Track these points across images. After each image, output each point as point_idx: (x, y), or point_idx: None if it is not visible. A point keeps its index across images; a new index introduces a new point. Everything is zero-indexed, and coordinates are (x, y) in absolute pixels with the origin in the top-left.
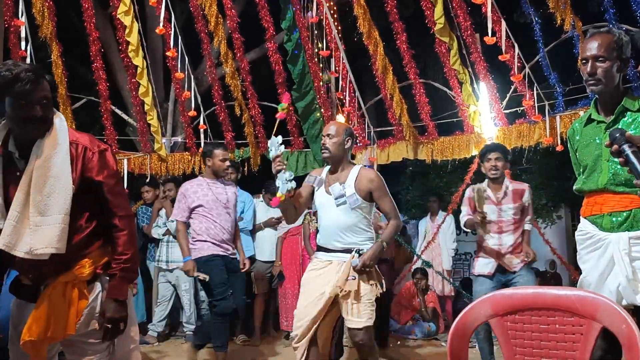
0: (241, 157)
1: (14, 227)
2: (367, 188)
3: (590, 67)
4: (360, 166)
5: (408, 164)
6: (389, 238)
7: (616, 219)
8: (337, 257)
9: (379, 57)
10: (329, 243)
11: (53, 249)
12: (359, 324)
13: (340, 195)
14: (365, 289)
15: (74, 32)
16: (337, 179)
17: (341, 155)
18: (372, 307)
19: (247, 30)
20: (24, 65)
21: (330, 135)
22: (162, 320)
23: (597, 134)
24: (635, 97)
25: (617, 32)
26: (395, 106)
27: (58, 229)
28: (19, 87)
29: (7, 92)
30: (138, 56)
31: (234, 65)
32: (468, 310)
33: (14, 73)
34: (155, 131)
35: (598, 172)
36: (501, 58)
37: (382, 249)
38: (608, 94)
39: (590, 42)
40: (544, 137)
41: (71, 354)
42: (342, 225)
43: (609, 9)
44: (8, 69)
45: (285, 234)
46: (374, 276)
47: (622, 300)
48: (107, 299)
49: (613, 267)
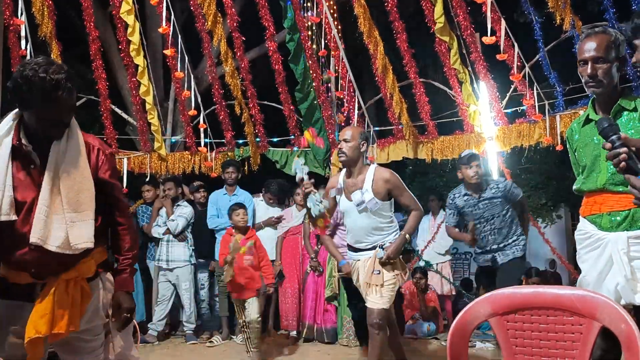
0: (241, 156)
1: (45, 221)
2: (384, 189)
3: (591, 69)
4: (375, 166)
5: (408, 163)
6: (412, 229)
7: (615, 218)
8: (364, 255)
9: (379, 56)
10: (357, 243)
11: (90, 243)
12: (376, 305)
13: (360, 202)
14: (389, 276)
15: (74, 31)
16: (355, 184)
17: (357, 159)
18: (393, 293)
19: (247, 29)
20: (64, 73)
21: (347, 140)
22: (162, 319)
23: (595, 134)
24: (633, 96)
25: (612, 31)
26: (395, 105)
27: (91, 225)
28: (57, 94)
29: (45, 96)
30: (139, 55)
31: (233, 64)
32: (468, 310)
33: (55, 80)
34: (155, 130)
35: (597, 172)
36: (499, 57)
37: (406, 241)
38: (606, 94)
39: (588, 43)
40: (543, 137)
41: (66, 353)
42: (366, 227)
43: (608, 9)
44: (51, 76)
45: (285, 233)
46: (398, 266)
47: (620, 300)
48: (121, 292)
49: (612, 267)
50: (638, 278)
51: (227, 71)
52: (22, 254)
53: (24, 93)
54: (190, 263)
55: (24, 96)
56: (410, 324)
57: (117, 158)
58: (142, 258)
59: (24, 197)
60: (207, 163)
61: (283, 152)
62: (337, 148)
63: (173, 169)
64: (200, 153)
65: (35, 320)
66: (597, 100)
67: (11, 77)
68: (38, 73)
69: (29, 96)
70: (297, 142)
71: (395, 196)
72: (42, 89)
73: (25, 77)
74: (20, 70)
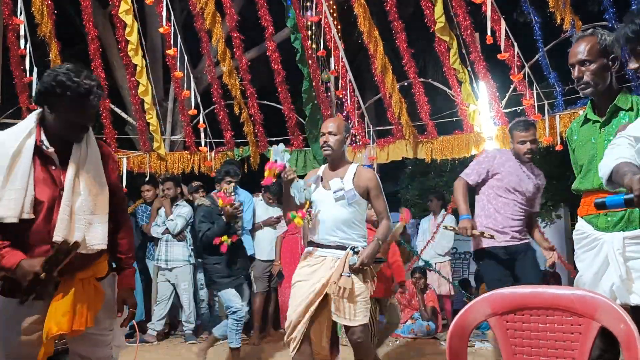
0: (241, 156)
1: (68, 221)
2: (364, 185)
3: (577, 72)
4: (358, 164)
5: (407, 163)
6: (384, 236)
7: (611, 218)
8: (331, 253)
9: (378, 56)
10: (323, 239)
11: (104, 245)
12: (354, 323)
13: (339, 189)
14: (360, 287)
15: (73, 30)
16: (336, 174)
17: (341, 152)
18: (367, 306)
19: (246, 29)
20: (95, 80)
21: (332, 133)
22: (161, 319)
23: (592, 134)
24: (630, 96)
25: (600, 32)
26: (395, 105)
27: (106, 227)
28: (89, 99)
29: (77, 101)
30: (138, 55)
31: (232, 64)
32: (467, 309)
33: (88, 85)
34: (154, 130)
35: (593, 171)
36: (500, 57)
37: (379, 247)
38: (601, 94)
39: (575, 47)
40: (543, 137)
41: (81, 346)
42: (338, 219)
43: (608, 9)
44: (84, 81)
45: (284, 233)
46: (369, 275)
47: (615, 300)
48: (126, 289)
49: (607, 267)
50: (633, 278)
51: (226, 71)
52: (43, 252)
53: (56, 96)
54: (190, 263)
55: (56, 100)
56: (410, 324)
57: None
58: (141, 258)
59: (43, 196)
60: (207, 163)
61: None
62: (322, 141)
63: (172, 168)
64: (200, 152)
65: (57, 317)
66: (594, 100)
67: (41, 81)
68: (72, 78)
69: (60, 100)
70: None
71: (372, 197)
72: (76, 93)
73: (60, 82)
74: (52, 74)
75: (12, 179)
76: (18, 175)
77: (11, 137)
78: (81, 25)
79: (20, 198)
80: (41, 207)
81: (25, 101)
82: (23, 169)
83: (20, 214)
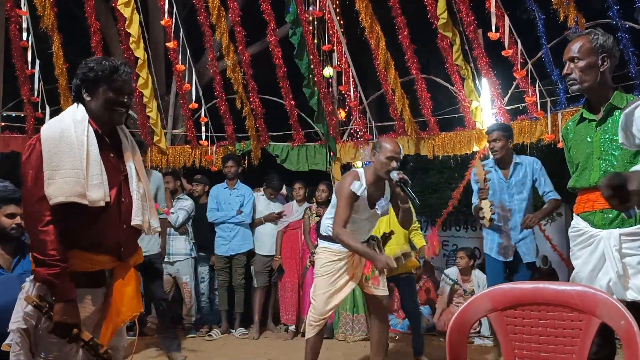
0: (242, 150)
1: (140, 205)
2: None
3: (566, 68)
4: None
5: (409, 159)
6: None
7: (607, 215)
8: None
9: (380, 51)
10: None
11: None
12: (384, 292)
13: (385, 212)
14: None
15: (75, 23)
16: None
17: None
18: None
19: (248, 23)
20: (118, 60)
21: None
22: None
23: (588, 133)
24: (625, 94)
25: (594, 32)
26: (397, 101)
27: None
28: (119, 74)
29: (111, 75)
30: (139, 48)
31: (235, 59)
32: (467, 305)
33: (114, 64)
34: (154, 123)
35: (589, 169)
36: (504, 53)
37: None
38: (594, 92)
39: (569, 45)
40: (545, 134)
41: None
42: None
43: (612, 6)
44: (111, 61)
45: (285, 228)
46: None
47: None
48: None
49: (604, 263)
50: (629, 275)
51: (229, 65)
52: (116, 235)
53: (91, 81)
54: (191, 256)
55: (91, 84)
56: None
57: None
58: None
59: (113, 182)
60: (208, 157)
61: (284, 147)
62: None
63: (174, 162)
64: (201, 146)
65: (128, 302)
66: (589, 98)
67: (75, 76)
68: (100, 62)
69: (96, 82)
70: (297, 137)
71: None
72: (107, 71)
73: (90, 67)
74: (82, 67)
75: (92, 164)
76: (93, 161)
77: (73, 125)
78: (83, 18)
79: (102, 182)
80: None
81: (27, 93)
82: (94, 155)
83: (105, 197)
